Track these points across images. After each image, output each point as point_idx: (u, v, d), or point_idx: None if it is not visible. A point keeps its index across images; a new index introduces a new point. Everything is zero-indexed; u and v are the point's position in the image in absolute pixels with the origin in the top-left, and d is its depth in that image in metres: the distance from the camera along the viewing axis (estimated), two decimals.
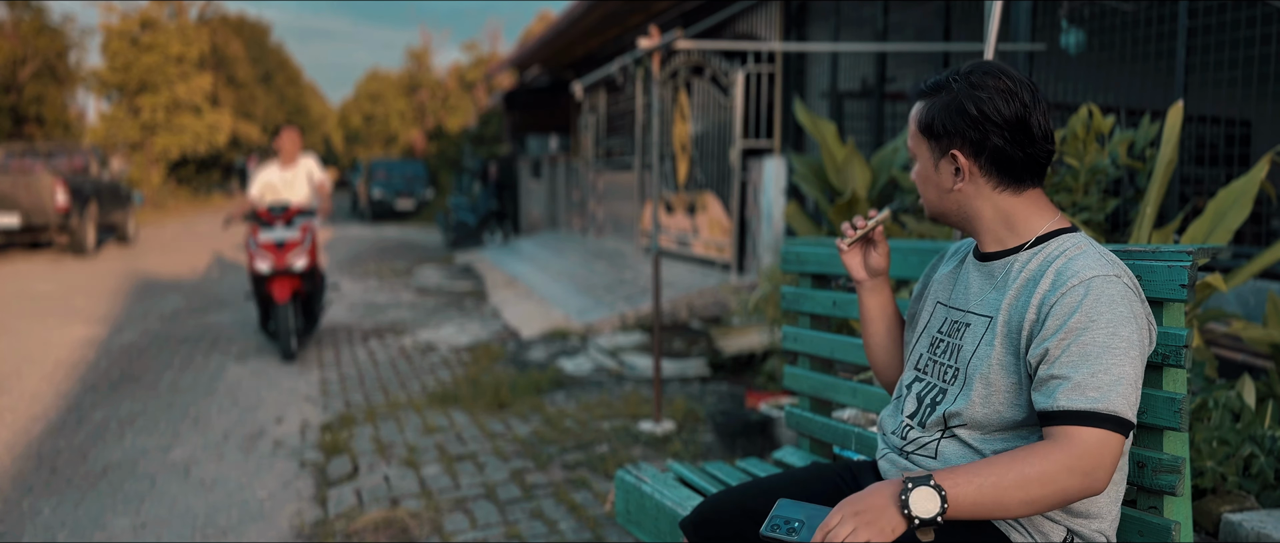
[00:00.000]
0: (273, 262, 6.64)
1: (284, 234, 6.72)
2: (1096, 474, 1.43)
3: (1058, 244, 1.59)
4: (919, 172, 1.70)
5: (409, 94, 37.91)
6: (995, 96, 1.57)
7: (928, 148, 1.66)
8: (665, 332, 7.13)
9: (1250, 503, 2.51)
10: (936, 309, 1.77)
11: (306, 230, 6.83)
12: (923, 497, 1.40)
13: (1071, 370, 1.46)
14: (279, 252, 6.66)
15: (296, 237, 6.73)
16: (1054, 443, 1.45)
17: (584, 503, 3.73)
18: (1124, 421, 1.44)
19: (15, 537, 3.57)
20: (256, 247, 6.69)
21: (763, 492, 1.80)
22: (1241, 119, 4.46)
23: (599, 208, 13.13)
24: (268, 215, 6.78)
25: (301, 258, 6.71)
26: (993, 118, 1.57)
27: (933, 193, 1.68)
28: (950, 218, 1.69)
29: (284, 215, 6.78)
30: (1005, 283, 1.61)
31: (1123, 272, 1.52)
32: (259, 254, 6.66)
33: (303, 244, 6.76)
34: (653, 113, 5.10)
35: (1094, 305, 1.47)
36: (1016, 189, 1.62)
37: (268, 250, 6.66)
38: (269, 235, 6.70)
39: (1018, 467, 1.43)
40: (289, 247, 6.69)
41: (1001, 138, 1.58)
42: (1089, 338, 1.46)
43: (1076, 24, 5.34)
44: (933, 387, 1.69)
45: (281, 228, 6.74)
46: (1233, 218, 3.07)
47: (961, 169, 1.61)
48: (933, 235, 4.07)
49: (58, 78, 26.30)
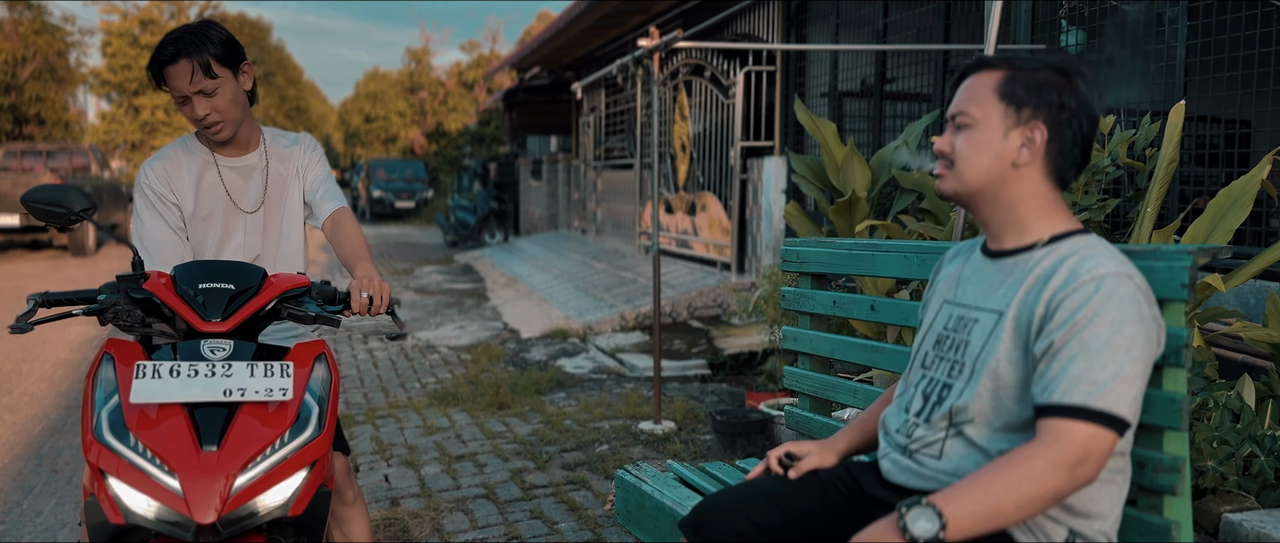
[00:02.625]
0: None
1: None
2: (1082, 470, 1.43)
3: (1072, 244, 1.59)
4: (974, 139, 1.62)
5: (409, 94, 37.90)
6: (1092, 92, 1.61)
7: (1001, 114, 1.61)
8: (665, 332, 7.13)
9: (1250, 503, 2.52)
10: (943, 307, 1.76)
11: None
12: (920, 517, 1.40)
13: (1069, 365, 1.46)
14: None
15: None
16: (1041, 442, 1.44)
17: (584, 503, 3.73)
18: (1116, 418, 1.44)
19: (15, 537, 3.57)
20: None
21: (762, 492, 1.80)
22: (1241, 119, 4.46)
23: (599, 208, 13.13)
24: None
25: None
26: (1089, 110, 1.60)
27: (987, 161, 1.61)
28: (984, 196, 1.64)
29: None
30: (1019, 279, 1.60)
31: (1135, 273, 1.52)
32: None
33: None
34: (653, 113, 5.10)
35: (1102, 303, 1.47)
36: (1056, 184, 1.64)
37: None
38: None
39: (1008, 474, 1.43)
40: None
41: (1081, 130, 1.60)
42: (1091, 333, 1.46)
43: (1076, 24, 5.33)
44: (938, 383, 1.68)
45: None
46: (1233, 218, 3.07)
47: (1033, 145, 1.60)
48: (933, 236, 4.07)
49: (58, 78, 26.30)
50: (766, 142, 8.42)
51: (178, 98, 2.33)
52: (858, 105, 7.56)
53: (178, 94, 2.32)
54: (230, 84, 2.35)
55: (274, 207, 2.53)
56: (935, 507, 1.41)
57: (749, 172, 8.35)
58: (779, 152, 8.27)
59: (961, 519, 1.41)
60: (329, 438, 1.92)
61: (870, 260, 2.41)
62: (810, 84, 8.23)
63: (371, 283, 2.16)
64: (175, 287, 2.00)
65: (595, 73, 8.05)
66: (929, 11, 6.49)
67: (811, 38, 8.18)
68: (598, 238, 13.09)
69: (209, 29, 2.34)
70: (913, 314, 2.24)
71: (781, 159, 7.92)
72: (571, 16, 11.67)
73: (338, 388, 2.03)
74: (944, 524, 1.39)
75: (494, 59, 34.16)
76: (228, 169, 2.48)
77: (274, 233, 2.54)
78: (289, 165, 2.56)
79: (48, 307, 2.01)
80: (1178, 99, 3.96)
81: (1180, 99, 3.52)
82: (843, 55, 7.58)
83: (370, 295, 2.13)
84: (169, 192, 2.42)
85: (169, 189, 2.42)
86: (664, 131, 10.11)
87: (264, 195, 2.51)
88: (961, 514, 1.41)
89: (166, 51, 2.29)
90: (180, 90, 2.30)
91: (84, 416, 1.88)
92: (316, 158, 2.62)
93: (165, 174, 2.43)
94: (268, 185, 2.52)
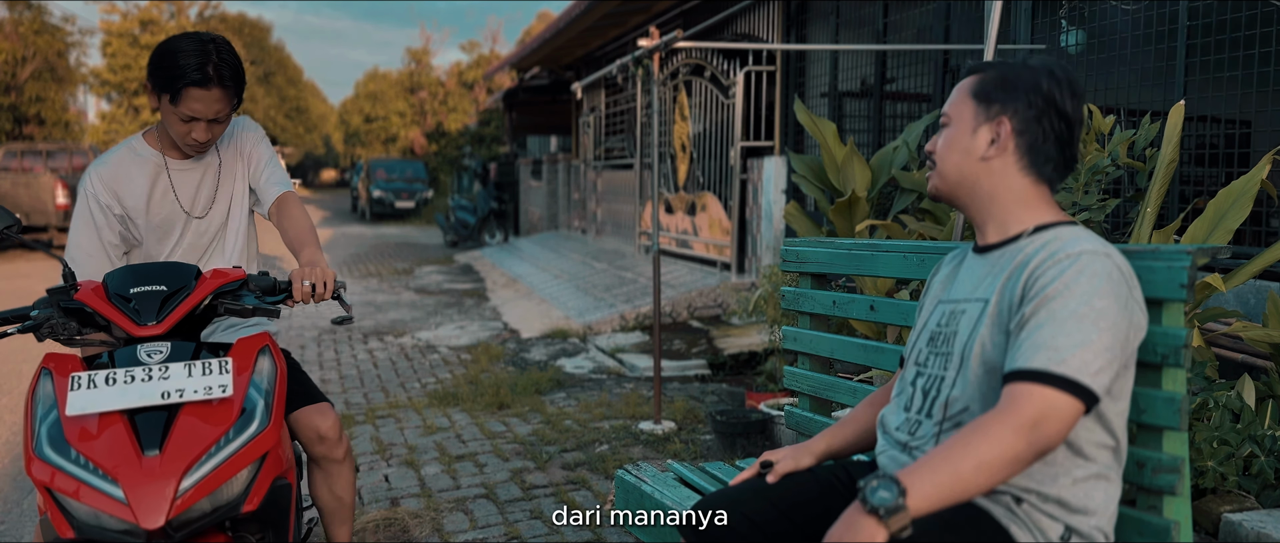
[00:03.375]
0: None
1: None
2: (1040, 432, 1.41)
3: (1055, 231, 1.62)
4: (948, 137, 1.69)
5: (409, 94, 37.91)
6: (1065, 90, 1.63)
7: (972, 111, 1.67)
8: (665, 332, 7.13)
9: (1250, 503, 2.52)
10: (937, 307, 1.78)
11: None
12: (879, 488, 1.38)
13: (1035, 332, 1.47)
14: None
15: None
16: (1000, 407, 1.44)
17: (584, 503, 3.73)
18: (1076, 383, 1.43)
19: (15, 537, 3.57)
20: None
21: (760, 492, 1.81)
22: (1241, 119, 4.46)
23: (599, 208, 13.13)
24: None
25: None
26: (1057, 105, 1.62)
27: (956, 158, 1.68)
28: (962, 192, 1.69)
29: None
30: (1003, 267, 1.62)
31: (1114, 253, 1.54)
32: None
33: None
34: (653, 113, 5.10)
35: (1075, 276, 1.49)
36: (1035, 179, 1.65)
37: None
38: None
39: (966, 439, 1.42)
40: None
41: (1051, 126, 1.62)
42: (1060, 303, 1.47)
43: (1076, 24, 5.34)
44: (935, 378, 1.69)
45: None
46: (1233, 218, 3.07)
47: (1000, 139, 1.64)
48: (933, 236, 4.07)
49: (58, 78, 26.28)
50: (766, 142, 8.42)
51: (183, 116, 2.22)
52: (858, 105, 7.56)
53: (188, 115, 2.21)
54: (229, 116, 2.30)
55: (222, 204, 2.48)
56: (895, 479, 1.40)
57: (749, 172, 8.35)
58: (779, 152, 8.27)
59: (922, 487, 1.39)
60: (277, 430, 1.90)
61: (870, 260, 2.41)
62: (810, 84, 8.23)
63: (315, 270, 2.11)
64: (107, 293, 1.96)
65: (595, 73, 8.05)
66: (929, 11, 6.48)
67: (811, 38, 8.18)
68: (598, 238, 13.09)
69: (231, 51, 2.24)
70: (912, 314, 2.24)
71: (781, 159, 7.92)
72: (571, 16, 11.67)
73: (284, 378, 2.00)
74: (902, 490, 1.37)
75: (494, 59, 34.16)
76: (178, 172, 2.40)
77: (226, 229, 2.49)
78: (234, 152, 2.48)
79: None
80: (1178, 99, 3.96)
81: (1180, 99, 3.52)
82: (843, 55, 7.58)
83: (312, 283, 2.08)
84: (114, 201, 2.35)
85: (114, 199, 2.35)
86: (664, 132, 10.11)
87: (215, 195, 2.46)
88: (921, 482, 1.39)
89: (195, 74, 2.16)
90: (197, 114, 2.20)
91: (26, 434, 1.84)
92: (258, 137, 2.52)
93: (112, 183, 2.35)
94: (219, 184, 2.47)
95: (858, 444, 1.94)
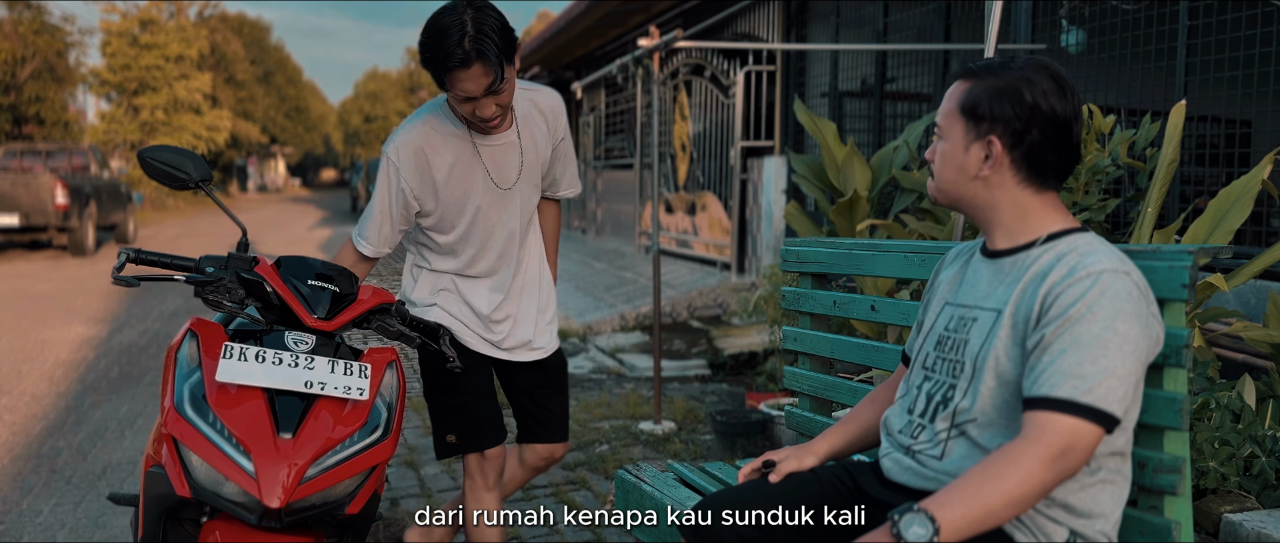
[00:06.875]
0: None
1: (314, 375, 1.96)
2: (1065, 462, 1.43)
3: (1069, 241, 1.59)
4: (943, 151, 1.67)
5: (409, 94, 37.91)
6: (1051, 93, 1.58)
7: (963, 129, 1.63)
8: (665, 332, 7.13)
9: (1251, 503, 2.51)
10: (944, 309, 1.76)
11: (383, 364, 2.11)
12: (913, 522, 1.40)
13: (1060, 358, 1.46)
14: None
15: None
16: (1027, 438, 1.44)
17: (584, 503, 3.72)
18: (1103, 413, 1.44)
19: (15, 537, 3.57)
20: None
21: (761, 493, 1.80)
22: (1241, 119, 4.46)
23: (599, 208, 13.13)
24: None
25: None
26: (1044, 112, 1.57)
27: (952, 175, 1.65)
28: (962, 204, 1.67)
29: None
30: (1017, 277, 1.60)
31: (1133, 270, 1.52)
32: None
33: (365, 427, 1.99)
34: (653, 113, 5.10)
35: (1098, 298, 1.47)
36: (1037, 188, 1.62)
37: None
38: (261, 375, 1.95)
39: (997, 473, 1.43)
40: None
41: (1043, 134, 1.58)
42: (1084, 328, 1.46)
43: (1076, 24, 5.34)
44: (942, 384, 1.68)
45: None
46: (1233, 218, 3.07)
47: (993, 157, 1.60)
48: (933, 236, 4.07)
49: (58, 78, 26.28)
50: (766, 141, 8.42)
51: (458, 98, 2.14)
52: (858, 105, 7.56)
53: (462, 95, 2.12)
54: (512, 76, 2.17)
55: (525, 183, 2.44)
56: (928, 512, 1.41)
57: (749, 171, 8.35)
58: (779, 151, 8.27)
59: (955, 522, 1.41)
60: (393, 444, 1.92)
61: (870, 260, 2.41)
62: (810, 84, 8.23)
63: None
64: (281, 276, 2.00)
65: (595, 73, 8.05)
66: (929, 11, 6.48)
67: (811, 38, 8.18)
68: (598, 238, 13.09)
69: (486, 17, 2.08)
70: (913, 314, 2.24)
71: (781, 159, 7.92)
72: (571, 16, 11.67)
73: (404, 397, 2.01)
74: (938, 528, 1.39)
75: None
76: (485, 146, 2.34)
77: (526, 210, 2.47)
78: (537, 128, 2.43)
79: (138, 263, 1.98)
80: (1178, 99, 3.96)
81: (1180, 99, 3.52)
82: (843, 55, 7.58)
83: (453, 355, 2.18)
84: (416, 182, 2.31)
85: (417, 180, 2.31)
86: (664, 131, 10.11)
87: (520, 172, 2.41)
88: (955, 517, 1.41)
89: (456, 56, 2.06)
90: (470, 93, 2.12)
91: (164, 387, 1.88)
92: (562, 119, 2.46)
93: (419, 162, 2.30)
94: (523, 162, 2.41)
95: (860, 444, 1.93)
